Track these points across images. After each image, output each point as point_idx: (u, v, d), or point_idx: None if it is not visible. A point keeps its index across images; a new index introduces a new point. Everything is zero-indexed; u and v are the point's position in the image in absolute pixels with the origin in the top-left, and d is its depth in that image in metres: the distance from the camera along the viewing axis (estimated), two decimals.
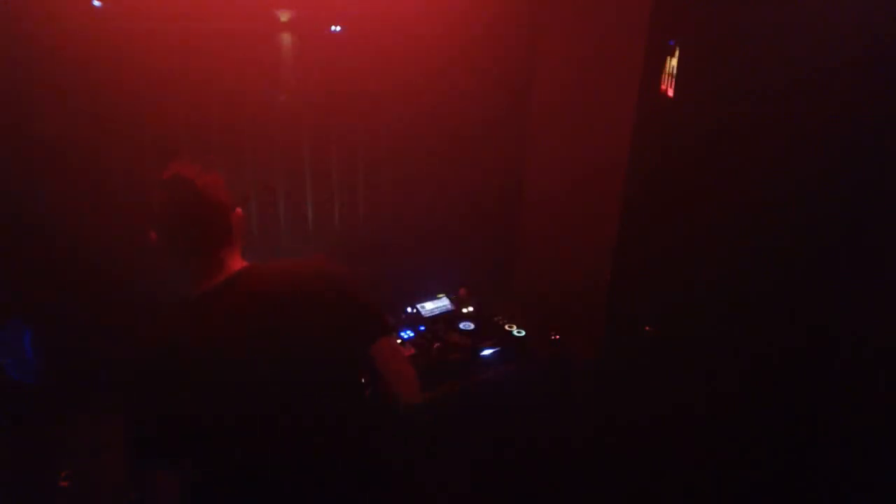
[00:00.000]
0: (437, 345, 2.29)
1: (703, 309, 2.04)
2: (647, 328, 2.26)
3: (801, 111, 1.73)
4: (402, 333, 2.41)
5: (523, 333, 2.51)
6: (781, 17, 1.75)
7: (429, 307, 2.60)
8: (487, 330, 2.50)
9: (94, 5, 1.92)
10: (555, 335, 2.51)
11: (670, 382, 2.16)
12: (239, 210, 1.52)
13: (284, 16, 2.24)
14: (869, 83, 1.60)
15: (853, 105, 1.63)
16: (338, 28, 2.36)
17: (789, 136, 1.77)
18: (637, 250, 2.28)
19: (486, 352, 2.39)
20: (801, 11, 1.69)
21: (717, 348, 2.01)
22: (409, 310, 2.57)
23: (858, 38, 1.59)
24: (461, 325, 2.50)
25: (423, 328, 2.46)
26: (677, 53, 2.01)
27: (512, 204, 2.98)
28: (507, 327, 2.54)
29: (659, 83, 2.10)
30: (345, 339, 1.45)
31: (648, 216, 2.23)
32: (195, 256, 1.43)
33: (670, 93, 2.05)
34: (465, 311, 2.64)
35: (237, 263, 1.47)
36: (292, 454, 1.35)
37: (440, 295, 2.69)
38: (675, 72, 2.02)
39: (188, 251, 1.43)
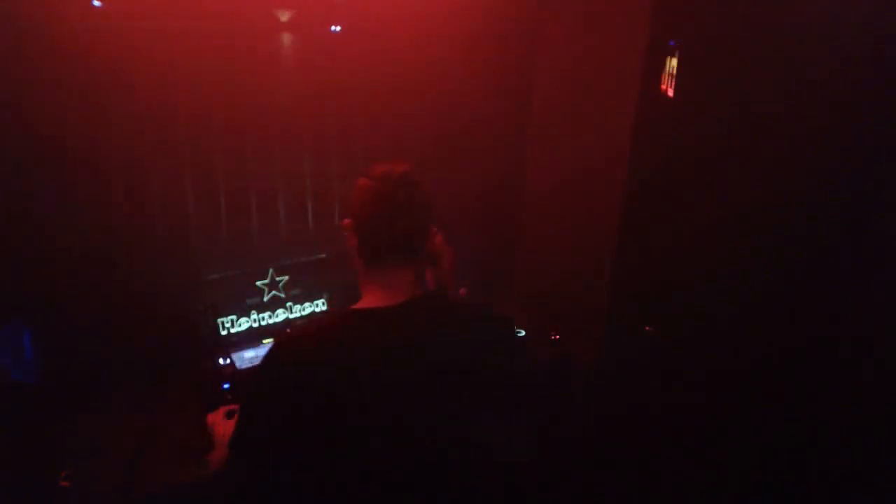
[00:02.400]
0: None
1: (704, 309, 2.04)
2: (647, 328, 2.26)
3: (801, 111, 1.73)
4: None
5: (523, 333, 2.51)
6: (781, 16, 1.75)
7: None
8: None
9: (94, 5, 1.92)
10: (555, 335, 2.51)
11: (670, 383, 2.16)
12: (437, 231, 1.42)
13: (284, 16, 2.24)
14: (869, 83, 1.60)
15: (854, 105, 1.63)
16: (338, 28, 2.36)
17: (790, 135, 1.77)
18: (637, 250, 2.28)
19: None
20: (802, 11, 1.69)
21: (718, 348, 2.01)
22: None
23: (859, 37, 1.59)
24: None
25: None
26: (677, 53, 2.00)
27: (512, 204, 2.98)
28: None
29: (659, 83, 2.10)
30: (498, 423, 1.33)
31: (649, 216, 2.23)
32: (385, 264, 1.33)
33: (670, 93, 2.05)
34: None
35: (415, 287, 1.35)
36: None
37: None
38: (675, 72, 2.02)
39: (382, 253, 1.33)
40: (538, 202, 2.88)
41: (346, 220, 1.37)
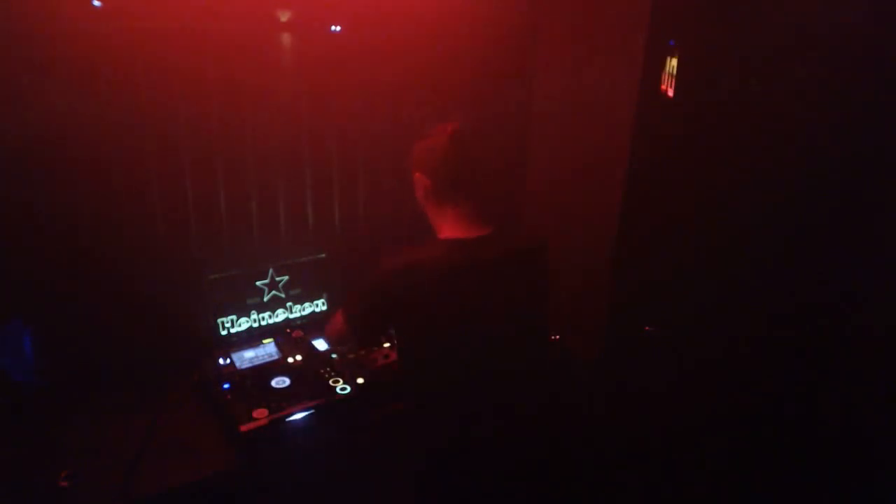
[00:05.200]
0: None
1: (704, 308, 2.04)
2: (646, 328, 2.26)
3: (801, 110, 1.74)
4: None
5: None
6: (781, 16, 1.75)
7: None
8: None
9: (94, 5, 1.92)
10: (555, 335, 2.51)
11: (671, 382, 2.16)
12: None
13: (284, 16, 2.24)
14: (868, 82, 1.60)
15: (853, 103, 1.63)
16: (338, 28, 2.36)
17: (790, 135, 1.78)
18: (637, 250, 2.28)
19: None
20: (801, 11, 1.69)
21: (718, 347, 2.01)
22: None
23: (858, 37, 1.60)
24: None
25: None
26: (677, 53, 2.01)
27: (512, 205, 2.98)
28: None
29: (659, 83, 2.11)
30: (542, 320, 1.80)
31: (649, 216, 2.23)
32: (455, 198, 1.66)
33: (670, 93, 2.05)
34: None
35: (484, 220, 1.68)
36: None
37: None
38: (675, 72, 2.02)
39: (452, 189, 1.66)
40: (538, 202, 2.88)
41: (416, 174, 1.70)
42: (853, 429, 1.73)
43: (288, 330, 2.35)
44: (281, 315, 2.37)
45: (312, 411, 1.90)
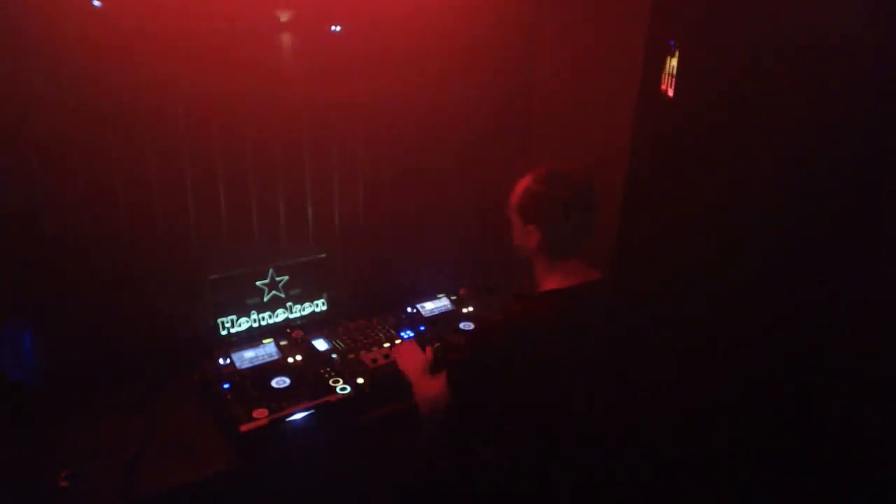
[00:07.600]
0: (435, 344, 2.29)
1: (704, 309, 2.04)
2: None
3: (801, 110, 1.74)
4: (402, 333, 2.41)
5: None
6: (781, 16, 1.75)
7: (429, 307, 2.60)
8: None
9: (94, 5, 1.92)
10: None
11: (671, 382, 2.16)
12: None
13: (284, 16, 2.24)
14: (869, 83, 1.60)
15: (853, 104, 1.63)
16: (338, 28, 2.36)
17: (790, 135, 1.77)
18: (637, 250, 2.28)
19: None
20: (801, 10, 1.69)
21: (718, 347, 2.01)
22: (409, 310, 2.57)
23: (858, 36, 1.59)
24: (461, 325, 2.50)
25: (423, 328, 2.46)
26: (677, 53, 2.00)
27: None
28: None
29: (659, 83, 2.10)
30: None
31: (648, 216, 2.23)
32: (569, 258, 1.62)
33: (670, 93, 2.05)
34: (465, 310, 2.64)
35: (590, 271, 1.64)
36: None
37: (440, 295, 2.69)
38: (675, 72, 2.02)
39: (568, 252, 1.61)
40: None
41: (529, 226, 1.60)
42: (853, 429, 1.73)
43: (288, 330, 2.35)
44: (281, 315, 2.37)
45: (312, 411, 1.90)
